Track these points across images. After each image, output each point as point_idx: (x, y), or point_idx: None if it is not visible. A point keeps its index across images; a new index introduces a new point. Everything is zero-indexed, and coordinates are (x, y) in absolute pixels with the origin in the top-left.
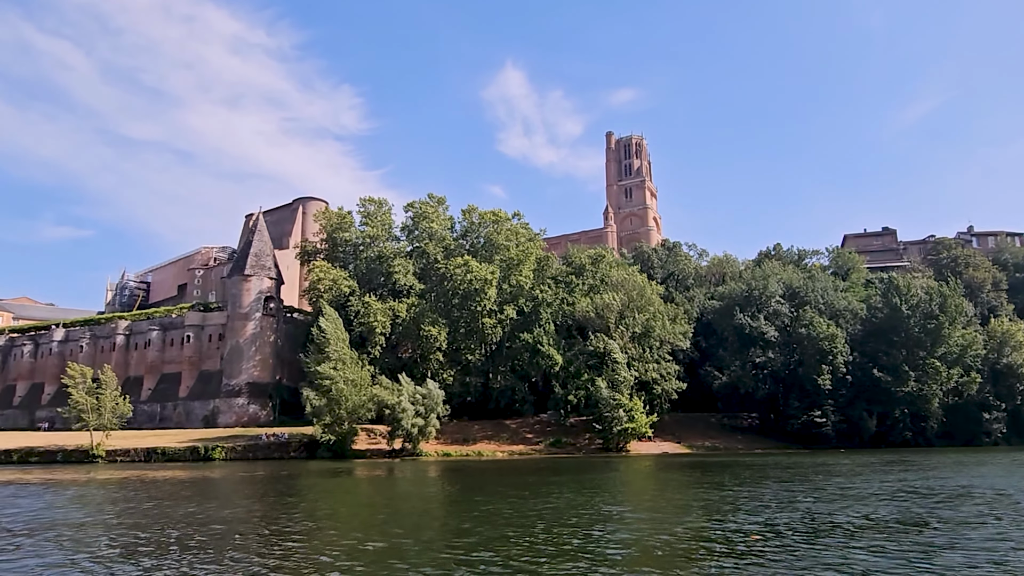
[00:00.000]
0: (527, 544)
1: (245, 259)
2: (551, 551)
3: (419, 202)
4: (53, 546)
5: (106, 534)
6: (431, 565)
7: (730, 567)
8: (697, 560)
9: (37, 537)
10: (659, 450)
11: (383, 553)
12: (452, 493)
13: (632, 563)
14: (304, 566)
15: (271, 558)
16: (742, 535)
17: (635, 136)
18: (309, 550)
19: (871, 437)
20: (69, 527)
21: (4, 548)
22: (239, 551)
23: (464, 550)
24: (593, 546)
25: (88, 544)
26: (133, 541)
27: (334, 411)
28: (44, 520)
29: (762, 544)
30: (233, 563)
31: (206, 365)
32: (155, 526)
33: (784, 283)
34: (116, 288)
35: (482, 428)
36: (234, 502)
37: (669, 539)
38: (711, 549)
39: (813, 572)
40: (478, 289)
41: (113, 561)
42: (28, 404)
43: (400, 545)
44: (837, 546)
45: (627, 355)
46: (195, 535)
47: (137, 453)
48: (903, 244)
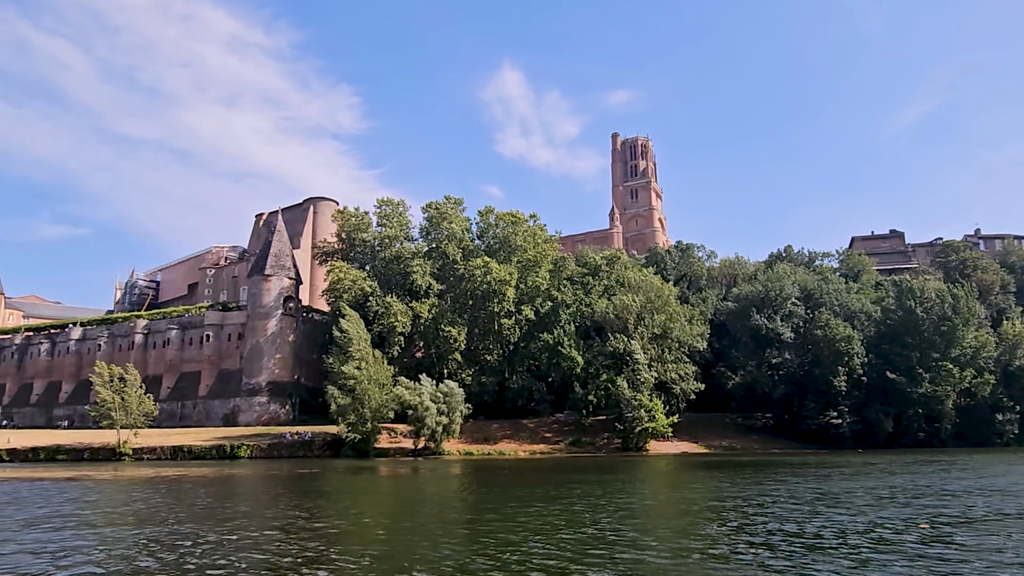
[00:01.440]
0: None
1: (265, 259)
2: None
3: (437, 203)
4: (156, 537)
5: (184, 530)
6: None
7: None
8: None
9: (125, 529)
10: (678, 450)
11: (442, 549)
12: (495, 491)
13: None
14: (373, 560)
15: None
16: (914, 530)
17: (640, 137)
18: (380, 546)
19: (886, 438)
20: (151, 520)
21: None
22: (309, 545)
23: (533, 548)
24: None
25: (167, 538)
26: (213, 537)
27: (358, 410)
28: (126, 512)
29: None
30: (305, 556)
31: (225, 364)
32: (226, 523)
33: (799, 285)
34: (125, 287)
35: (500, 427)
36: (283, 500)
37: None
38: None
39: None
40: (497, 290)
41: (201, 553)
42: (46, 402)
43: (462, 542)
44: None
45: (647, 356)
46: (263, 531)
47: (164, 451)
48: (911, 246)
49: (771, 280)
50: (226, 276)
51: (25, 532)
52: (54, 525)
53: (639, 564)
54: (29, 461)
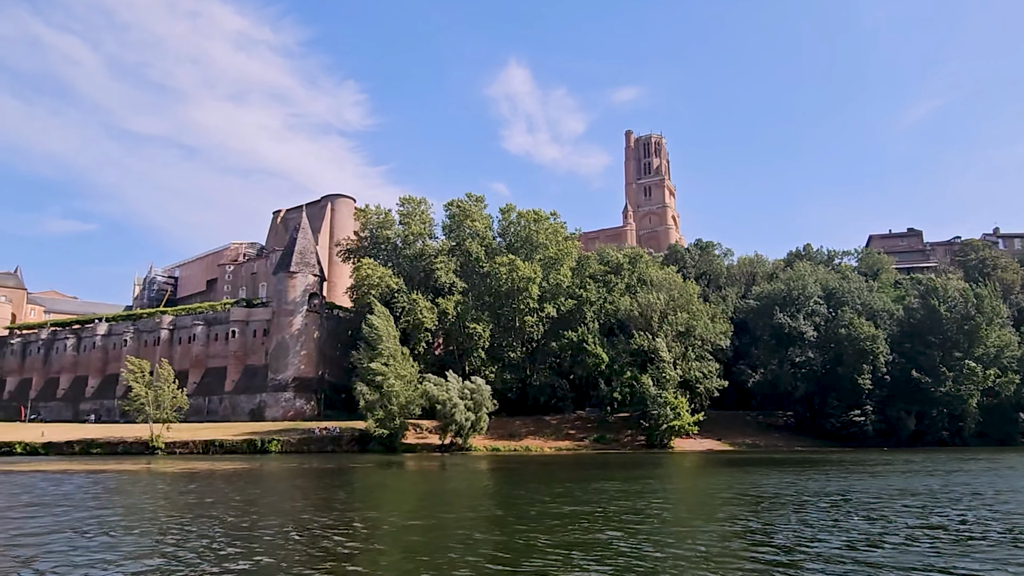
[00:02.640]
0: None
1: (290, 256)
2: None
3: (459, 200)
4: (233, 525)
5: (246, 522)
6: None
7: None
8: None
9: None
10: (702, 447)
11: (493, 544)
12: (534, 488)
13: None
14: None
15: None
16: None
17: (654, 135)
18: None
19: (908, 436)
20: (213, 511)
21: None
22: (366, 537)
23: (591, 545)
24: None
25: (230, 530)
26: (274, 529)
27: (386, 406)
28: (184, 504)
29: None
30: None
31: (251, 360)
32: (281, 515)
33: (820, 283)
34: (144, 283)
35: (523, 424)
36: (326, 494)
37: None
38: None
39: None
40: (521, 287)
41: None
42: (72, 397)
43: (519, 539)
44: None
45: (671, 354)
46: (323, 526)
47: (196, 445)
48: (929, 245)
49: (793, 279)
50: (245, 272)
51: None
52: (128, 521)
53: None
54: (64, 454)
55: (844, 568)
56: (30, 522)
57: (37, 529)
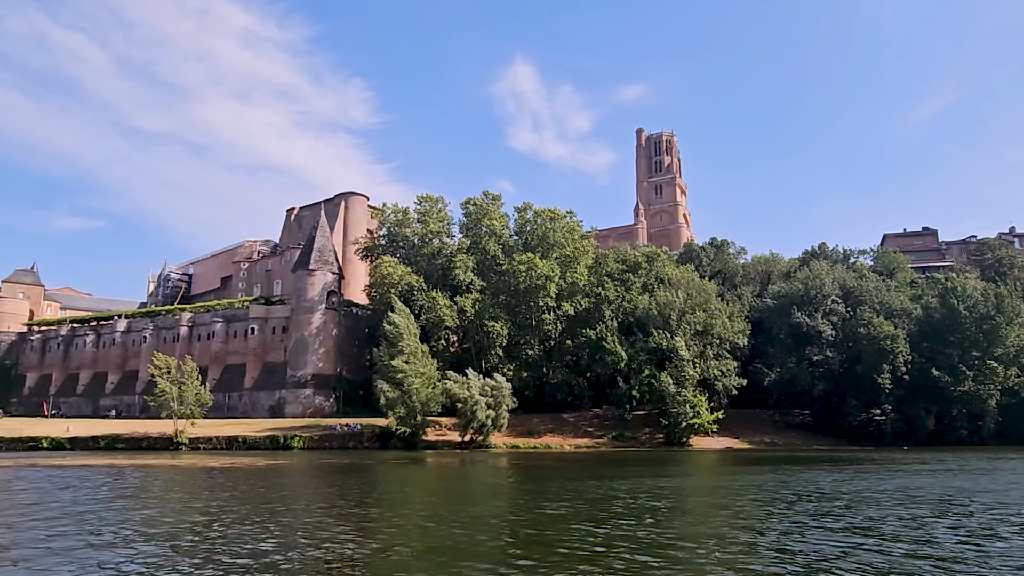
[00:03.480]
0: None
1: (309, 254)
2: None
3: (476, 199)
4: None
5: (287, 518)
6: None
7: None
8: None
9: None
10: (721, 445)
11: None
12: (564, 484)
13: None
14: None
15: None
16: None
17: (665, 133)
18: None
19: (927, 435)
20: (248, 504)
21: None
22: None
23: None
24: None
25: (269, 524)
26: (309, 523)
27: (407, 403)
28: (220, 497)
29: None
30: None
31: (270, 357)
32: (326, 506)
33: (838, 282)
34: (158, 279)
35: (541, 421)
36: (365, 490)
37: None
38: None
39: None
40: (539, 286)
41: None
42: (92, 393)
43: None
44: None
45: (690, 352)
46: (363, 513)
47: (219, 441)
48: (944, 244)
49: (811, 278)
50: (259, 270)
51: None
52: (163, 511)
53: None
54: (89, 449)
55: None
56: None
57: (165, 517)
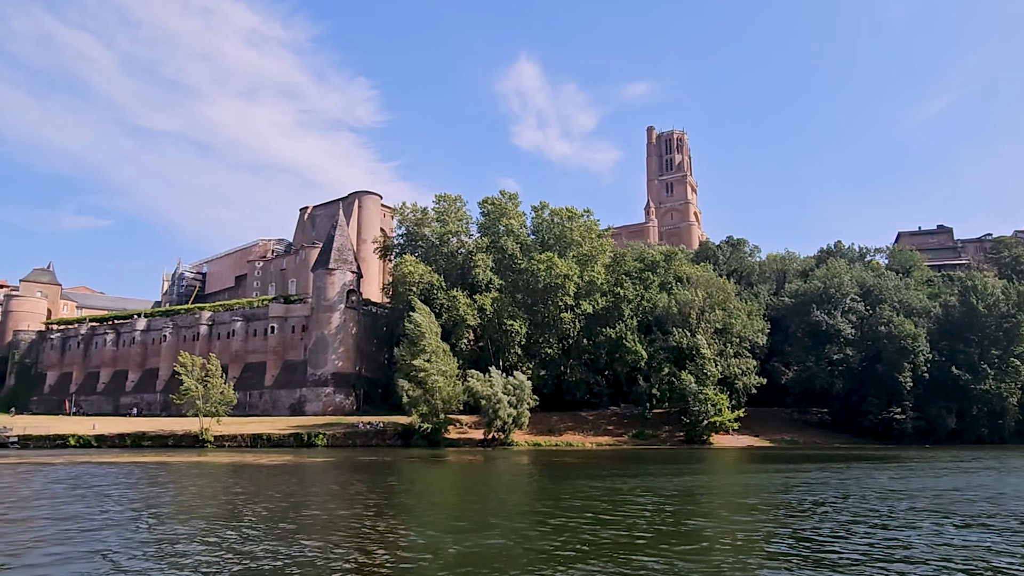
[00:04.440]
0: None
1: (328, 253)
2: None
3: (493, 198)
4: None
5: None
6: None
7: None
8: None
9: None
10: (742, 443)
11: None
12: (600, 484)
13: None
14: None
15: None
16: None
17: (676, 131)
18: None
19: (947, 434)
20: (292, 499)
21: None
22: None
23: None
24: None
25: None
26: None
27: (429, 401)
28: (260, 494)
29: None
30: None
31: (290, 355)
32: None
33: (857, 281)
34: (172, 278)
35: (561, 419)
36: (399, 487)
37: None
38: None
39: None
40: (559, 285)
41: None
42: (112, 390)
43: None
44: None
45: (711, 350)
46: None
47: (243, 439)
48: (960, 242)
49: (829, 276)
50: (274, 268)
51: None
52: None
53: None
54: (116, 447)
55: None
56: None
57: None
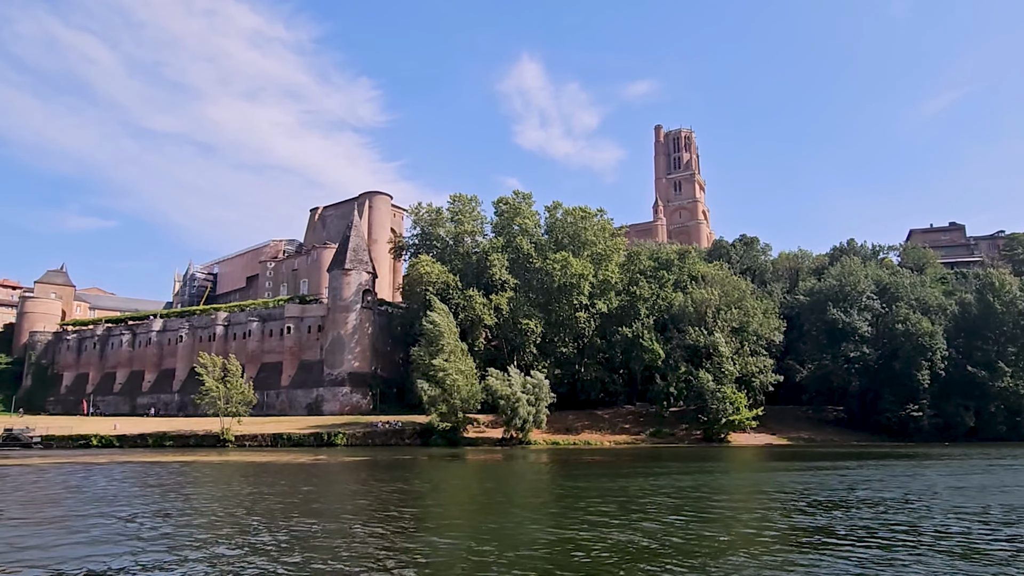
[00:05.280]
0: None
1: (344, 254)
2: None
3: (507, 198)
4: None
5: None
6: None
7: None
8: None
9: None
10: (760, 442)
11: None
12: (634, 482)
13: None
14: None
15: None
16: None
17: (684, 129)
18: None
19: (965, 432)
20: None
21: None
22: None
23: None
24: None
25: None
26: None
27: (448, 401)
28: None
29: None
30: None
31: (306, 355)
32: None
33: (873, 278)
34: (184, 279)
35: (577, 418)
36: (430, 485)
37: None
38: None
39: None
40: (574, 284)
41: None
42: (129, 391)
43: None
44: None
45: (729, 348)
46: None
47: (264, 438)
48: (972, 239)
49: (845, 274)
50: (286, 269)
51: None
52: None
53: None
54: (138, 447)
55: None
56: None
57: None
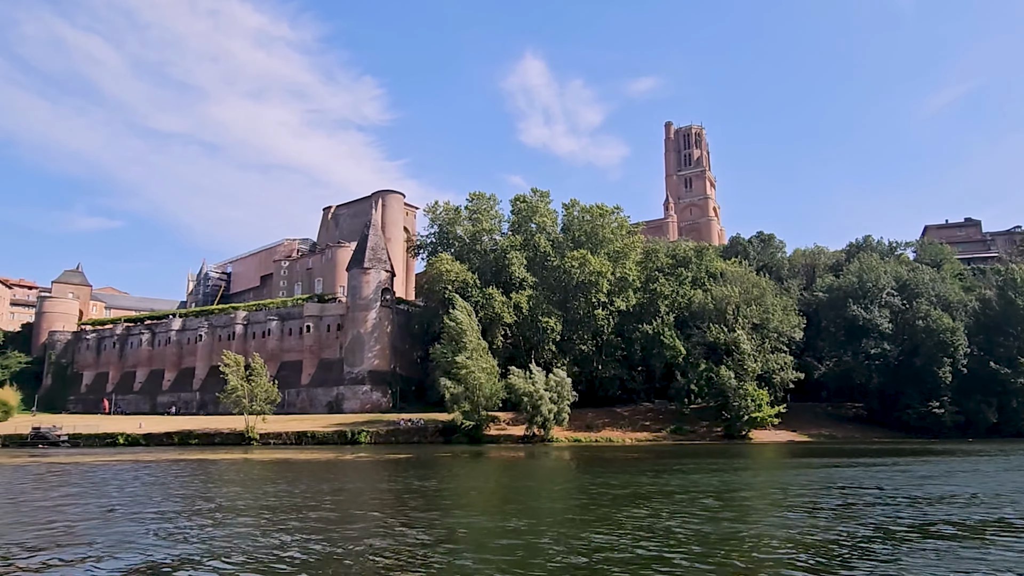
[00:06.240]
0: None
1: (363, 253)
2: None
3: (524, 196)
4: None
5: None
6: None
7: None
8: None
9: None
10: (782, 439)
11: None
12: (669, 480)
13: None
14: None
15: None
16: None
17: (694, 126)
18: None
19: (987, 428)
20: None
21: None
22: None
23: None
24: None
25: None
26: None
27: (471, 399)
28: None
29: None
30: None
31: (325, 354)
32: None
33: (892, 275)
34: (198, 278)
35: (597, 415)
36: (471, 483)
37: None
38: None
39: None
40: (592, 282)
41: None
42: (149, 389)
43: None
44: None
45: (750, 345)
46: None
47: (288, 436)
48: (989, 235)
49: (865, 270)
50: (300, 268)
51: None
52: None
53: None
54: (163, 445)
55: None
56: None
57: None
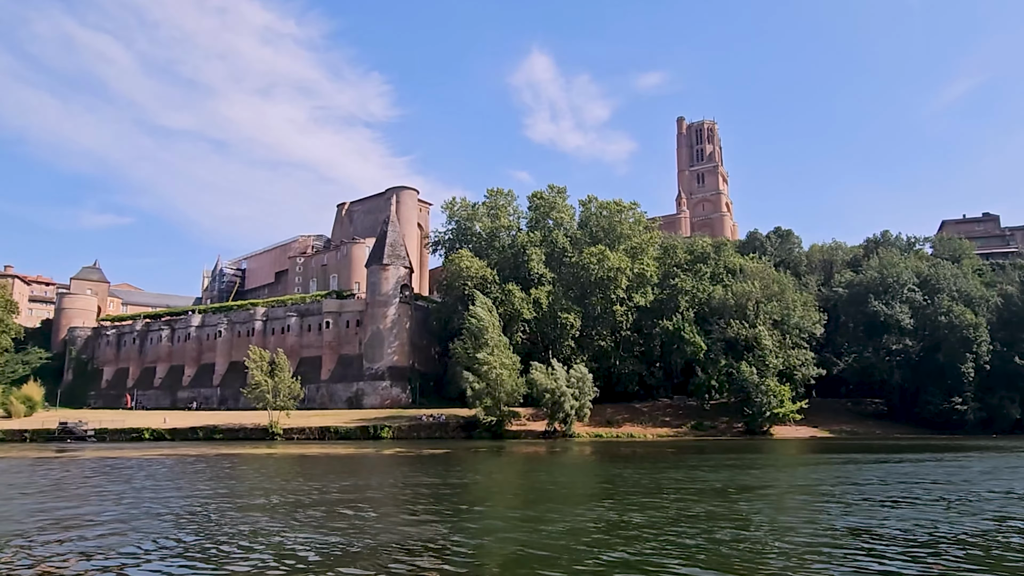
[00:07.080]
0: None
1: (382, 249)
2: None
3: (542, 192)
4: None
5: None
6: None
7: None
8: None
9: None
10: (804, 434)
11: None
12: (700, 475)
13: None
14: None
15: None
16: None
17: (707, 121)
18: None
19: (1011, 424)
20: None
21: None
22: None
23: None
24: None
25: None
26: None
27: (493, 394)
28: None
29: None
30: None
31: (345, 350)
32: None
33: (913, 270)
34: (212, 275)
35: (616, 411)
36: (511, 480)
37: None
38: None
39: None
40: (611, 278)
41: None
42: (169, 385)
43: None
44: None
45: (772, 341)
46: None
47: (312, 431)
48: (1008, 230)
49: (886, 266)
50: (315, 264)
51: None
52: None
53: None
54: (188, 440)
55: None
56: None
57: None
